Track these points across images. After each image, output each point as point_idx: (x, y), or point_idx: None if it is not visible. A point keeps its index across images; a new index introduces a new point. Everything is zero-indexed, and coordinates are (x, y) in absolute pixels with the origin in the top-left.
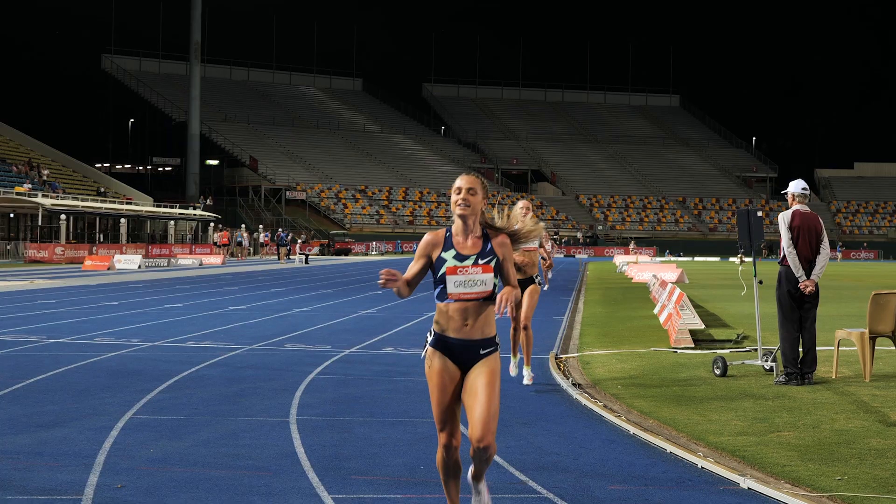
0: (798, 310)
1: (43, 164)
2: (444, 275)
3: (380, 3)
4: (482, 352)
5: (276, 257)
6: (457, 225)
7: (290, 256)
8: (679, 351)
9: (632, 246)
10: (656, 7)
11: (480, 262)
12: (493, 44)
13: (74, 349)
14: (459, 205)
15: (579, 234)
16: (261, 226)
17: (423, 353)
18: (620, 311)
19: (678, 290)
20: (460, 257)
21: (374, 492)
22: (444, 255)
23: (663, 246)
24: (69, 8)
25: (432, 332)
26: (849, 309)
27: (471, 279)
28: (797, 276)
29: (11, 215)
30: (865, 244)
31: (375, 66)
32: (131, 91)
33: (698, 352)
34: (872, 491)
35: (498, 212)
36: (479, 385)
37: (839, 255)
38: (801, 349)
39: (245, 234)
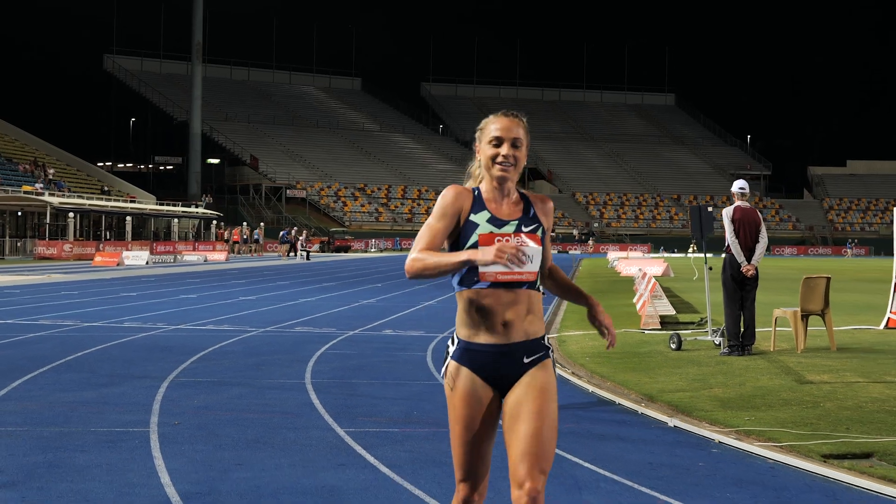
0: (740, 291)
1: (48, 163)
2: (475, 245)
3: (379, 3)
4: (526, 360)
5: (279, 254)
6: (488, 188)
7: (291, 253)
8: (646, 332)
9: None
10: (652, 7)
11: (524, 229)
12: (491, 44)
13: (108, 331)
14: (500, 163)
15: (575, 232)
16: (262, 223)
17: (443, 370)
18: (603, 300)
19: (653, 281)
20: (497, 222)
21: (377, 427)
22: (473, 217)
23: (658, 243)
24: (71, 9)
25: (455, 340)
26: None
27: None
28: (739, 261)
29: (19, 213)
30: (856, 240)
31: (374, 66)
32: (133, 91)
33: (663, 332)
34: (770, 427)
35: None
36: (524, 410)
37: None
38: (742, 326)
39: (260, 232)
